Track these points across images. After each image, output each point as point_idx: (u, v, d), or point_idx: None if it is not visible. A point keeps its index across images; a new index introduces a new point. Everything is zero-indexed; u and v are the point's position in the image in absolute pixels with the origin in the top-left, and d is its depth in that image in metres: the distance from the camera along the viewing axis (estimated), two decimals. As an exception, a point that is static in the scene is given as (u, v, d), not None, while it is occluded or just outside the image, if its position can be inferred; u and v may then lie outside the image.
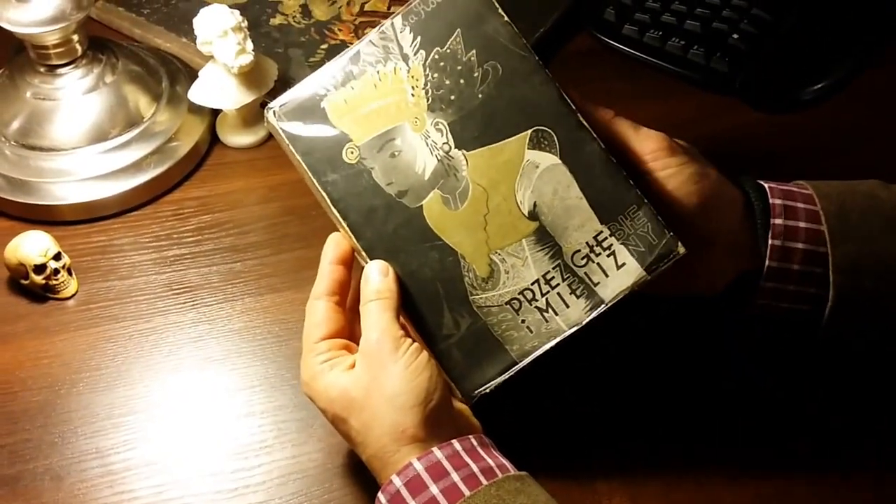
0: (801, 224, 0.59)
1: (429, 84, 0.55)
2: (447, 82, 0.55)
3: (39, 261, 0.66)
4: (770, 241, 0.58)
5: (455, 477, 0.50)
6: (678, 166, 0.57)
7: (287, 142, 0.55)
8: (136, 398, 0.62)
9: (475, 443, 0.52)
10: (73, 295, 0.68)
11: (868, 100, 0.83)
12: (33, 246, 0.66)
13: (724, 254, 0.59)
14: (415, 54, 0.55)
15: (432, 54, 0.55)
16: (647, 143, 0.57)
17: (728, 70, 0.84)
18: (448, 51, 0.55)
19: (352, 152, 0.55)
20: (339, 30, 0.87)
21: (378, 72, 0.55)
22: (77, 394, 0.62)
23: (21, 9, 0.69)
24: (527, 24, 0.87)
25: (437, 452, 0.50)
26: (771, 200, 0.59)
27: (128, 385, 0.63)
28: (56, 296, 0.67)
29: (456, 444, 0.51)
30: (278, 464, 0.59)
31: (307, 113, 0.55)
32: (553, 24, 0.88)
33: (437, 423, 0.51)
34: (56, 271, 0.67)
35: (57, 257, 0.67)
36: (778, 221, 0.58)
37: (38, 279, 0.66)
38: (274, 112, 0.55)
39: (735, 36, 0.86)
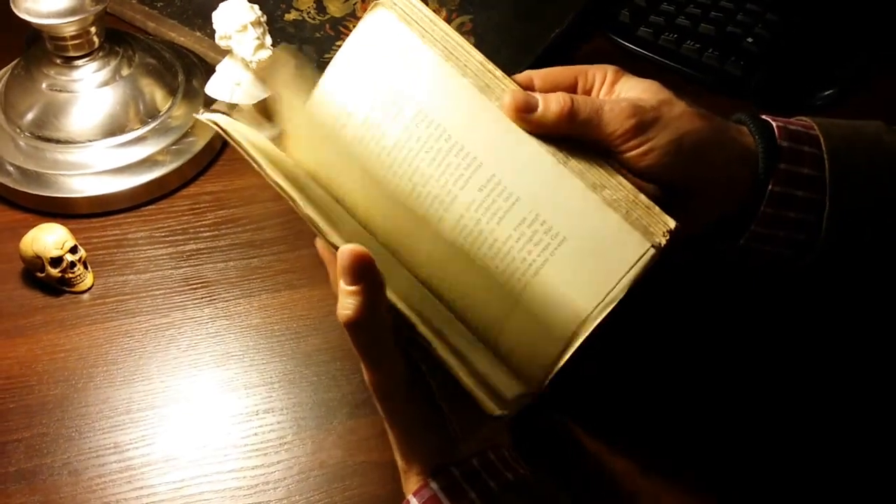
0: (805, 170, 0.56)
1: None
2: None
3: (56, 254, 0.65)
4: (770, 187, 0.56)
5: (472, 495, 0.49)
6: (650, 141, 0.53)
7: None
8: (154, 393, 0.62)
9: (493, 457, 0.51)
10: (89, 289, 0.67)
11: (883, 106, 0.84)
12: (50, 238, 0.65)
13: (711, 199, 0.56)
14: None
15: None
16: (612, 127, 0.52)
17: (742, 73, 0.85)
18: None
19: None
20: (354, 27, 0.86)
21: None
22: (94, 388, 0.62)
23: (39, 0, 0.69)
24: (541, 24, 0.87)
25: (454, 470, 0.50)
26: (779, 142, 0.56)
27: (145, 380, 0.62)
28: (72, 289, 0.67)
29: (474, 461, 0.50)
30: (298, 460, 0.59)
31: None
32: (568, 25, 0.88)
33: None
34: (72, 264, 0.66)
35: (73, 250, 0.66)
36: (783, 166, 0.56)
37: (55, 272, 0.65)
38: None
39: (749, 40, 0.86)
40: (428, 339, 0.46)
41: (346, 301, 0.45)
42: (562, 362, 0.50)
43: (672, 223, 0.50)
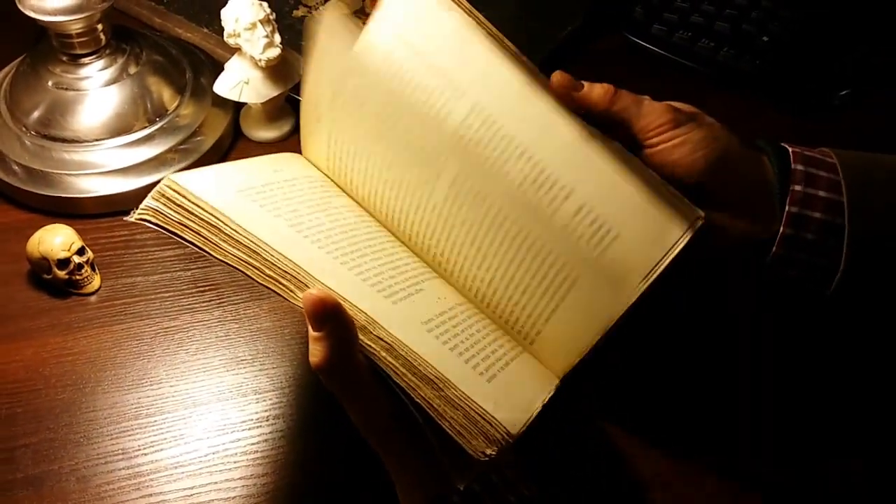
0: (821, 193, 0.56)
1: None
2: None
3: (63, 255, 0.64)
4: (787, 208, 0.56)
5: None
6: (684, 135, 0.54)
7: None
8: (164, 398, 0.61)
9: (496, 479, 0.50)
10: (97, 291, 0.67)
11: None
12: (57, 240, 0.64)
13: (734, 217, 0.56)
14: None
15: None
16: (650, 119, 0.54)
17: (757, 72, 0.83)
18: None
19: None
20: (364, 23, 0.85)
21: None
22: (102, 392, 0.61)
23: (45, -4, 0.68)
24: (552, 22, 0.86)
25: (455, 498, 0.48)
26: (793, 166, 0.57)
27: (154, 384, 0.61)
28: (79, 291, 0.66)
29: (476, 486, 0.49)
30: (310, 468, 0.58)
31: None
32: (582, 21, 0.87)
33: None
34: (79, 266, 0.65)
35: (80, 252, 0.65)
36: (797, 188, 0.56)
37: (62, 274, 0.65)
38: None
39: (764, 38, 0.85)
40: (407, 389, 0.46)
41: (314, 347, 0.45)
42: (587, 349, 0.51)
43: (701, 213, 0.51)
